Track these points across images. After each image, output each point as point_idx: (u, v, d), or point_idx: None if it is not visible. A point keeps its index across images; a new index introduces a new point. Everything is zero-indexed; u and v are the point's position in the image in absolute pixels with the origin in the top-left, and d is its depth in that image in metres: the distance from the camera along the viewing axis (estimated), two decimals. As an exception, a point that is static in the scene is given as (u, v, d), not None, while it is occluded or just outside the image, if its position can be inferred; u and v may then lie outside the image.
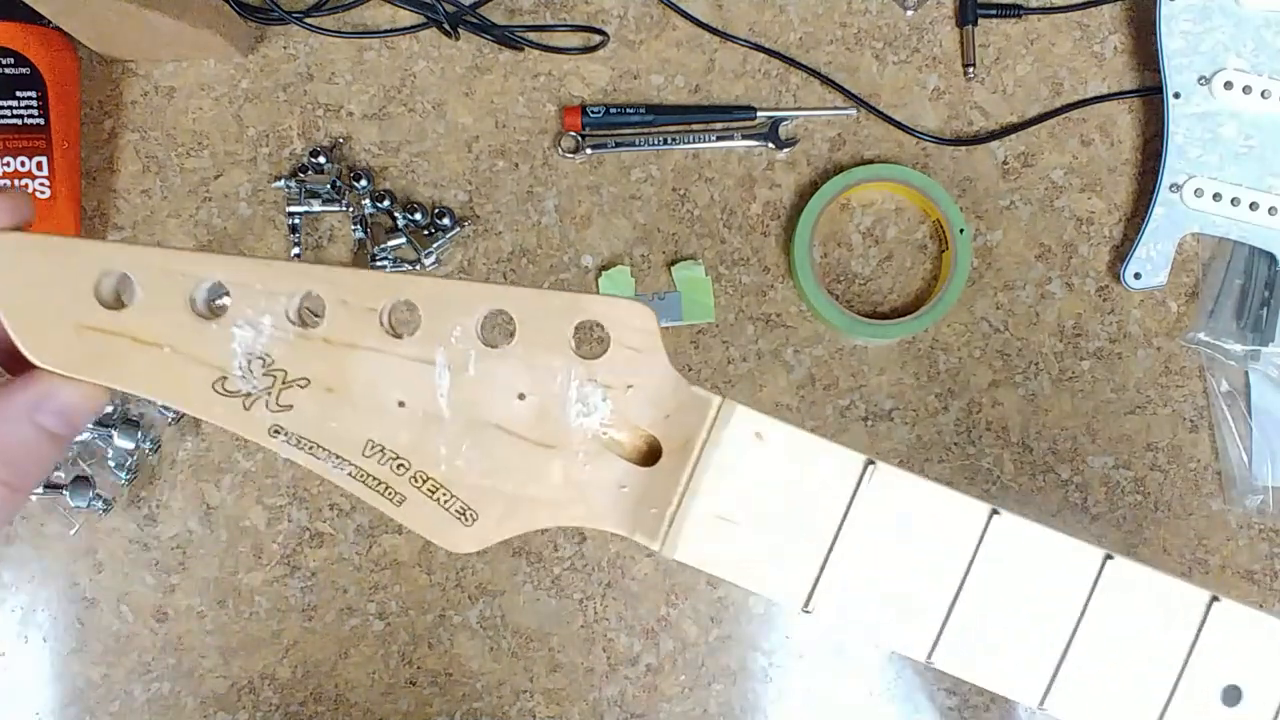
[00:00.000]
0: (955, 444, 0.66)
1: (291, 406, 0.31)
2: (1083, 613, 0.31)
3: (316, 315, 0.31)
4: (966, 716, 0.65)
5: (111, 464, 0.64)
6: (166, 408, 0.64)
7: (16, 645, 0.65)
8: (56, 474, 0.63)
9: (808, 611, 0.31)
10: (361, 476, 0.31)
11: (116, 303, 0.31)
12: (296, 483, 0.65)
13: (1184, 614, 0.32)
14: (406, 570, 0.65)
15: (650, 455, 0.32)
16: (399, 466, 0.31)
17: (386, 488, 0.31)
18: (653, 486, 0.32)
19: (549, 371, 0.31)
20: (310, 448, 0.31)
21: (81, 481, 0.63)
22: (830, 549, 0.31)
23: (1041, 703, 0.32)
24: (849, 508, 0.31)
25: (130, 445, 0.63)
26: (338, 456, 0.31)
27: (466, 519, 0.31)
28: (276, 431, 0.31)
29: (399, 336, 0.31)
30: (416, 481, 0.31)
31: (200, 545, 0.65)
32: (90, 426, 0.63)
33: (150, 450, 0.65)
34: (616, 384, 0.31)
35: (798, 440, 0.31)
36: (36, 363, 0.30)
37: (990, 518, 0.31)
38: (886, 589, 0.31)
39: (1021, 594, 0.31)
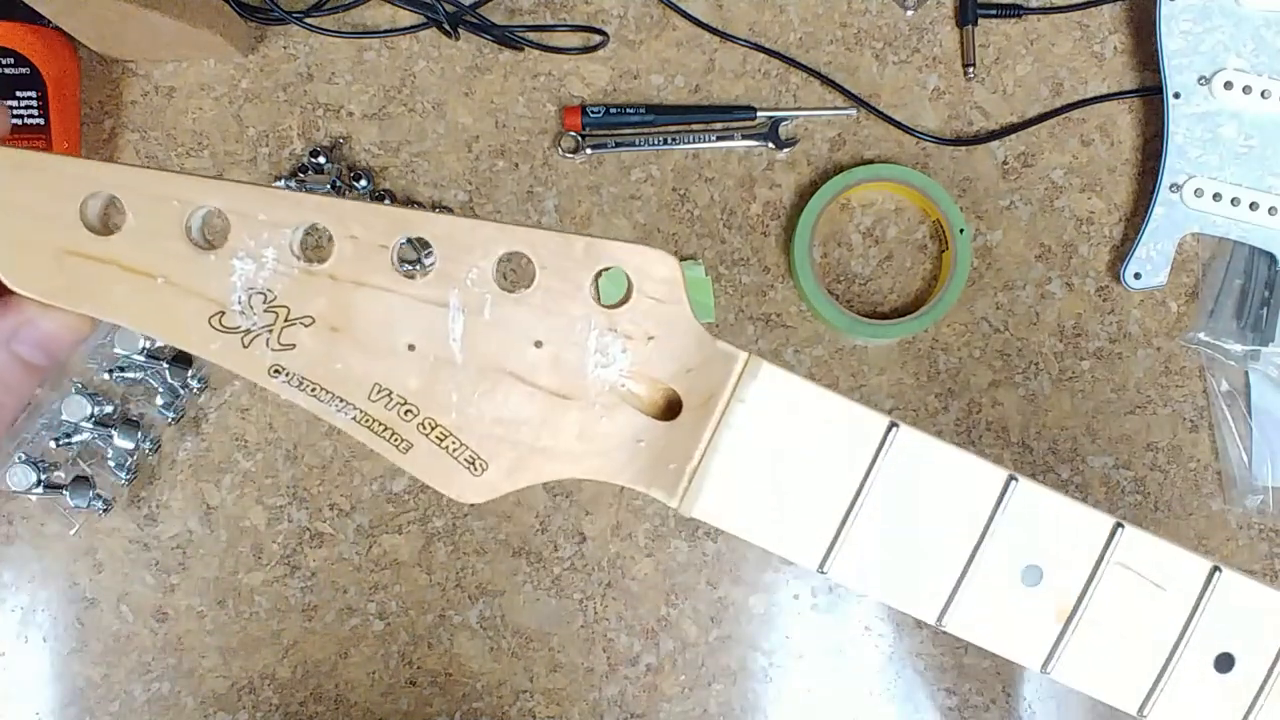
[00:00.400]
0: (955, 444, 0.66)
1: (294, 345, 0.29)
2: (1090, 580, 0.31)
3: (324, 247, 0.29)
4: (966, 716, 0.65)
5: (111, 464, 0.63)
6: (166, 407, 0.64)
7: (16, 645, 0.65)
8: (56, 474, 0.63)
9: (823, 572, 0.31)
10: (366, 421, 0.29)
11: (104, 227, 0.28)
12: (296, 483, 0.65)
13: (1187, 582, 0.32)
14: (406, 570, 0.65)
15: (668, 409, 0.31)
16: (406, 412, 0.29)
17: (392, 434, 0.30)
18: (671, 442, 0.31)
19: (568, 319, 0.29)
20: (312, 389, 0.29)
21: (81, 481, 0.63)
22: (849, 510, 0.31)
23: (1045, 667, 0.32)
24: (870, 469, 0.31)
25: (130, 445, 0.63)
26: (341, 399, 0.29)
27: (476, 468, 0.30)
28: (277, 371, 0.29)
29: (412, 276, 0.29)
30: (424, 428, 0.30)
31: (200, 545, 0.65)
32: (90, 426, 0.63)
33: (150, 450, 0.65)
34: (637, 335, 0.30)
35: (823, 400, 0.31)
36: (15, 289, 0.28)
37: (1008, 484, 0.32)
38: (902, 551, 0.31)
39: (1034, 560, 0.31)
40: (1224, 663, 0.32)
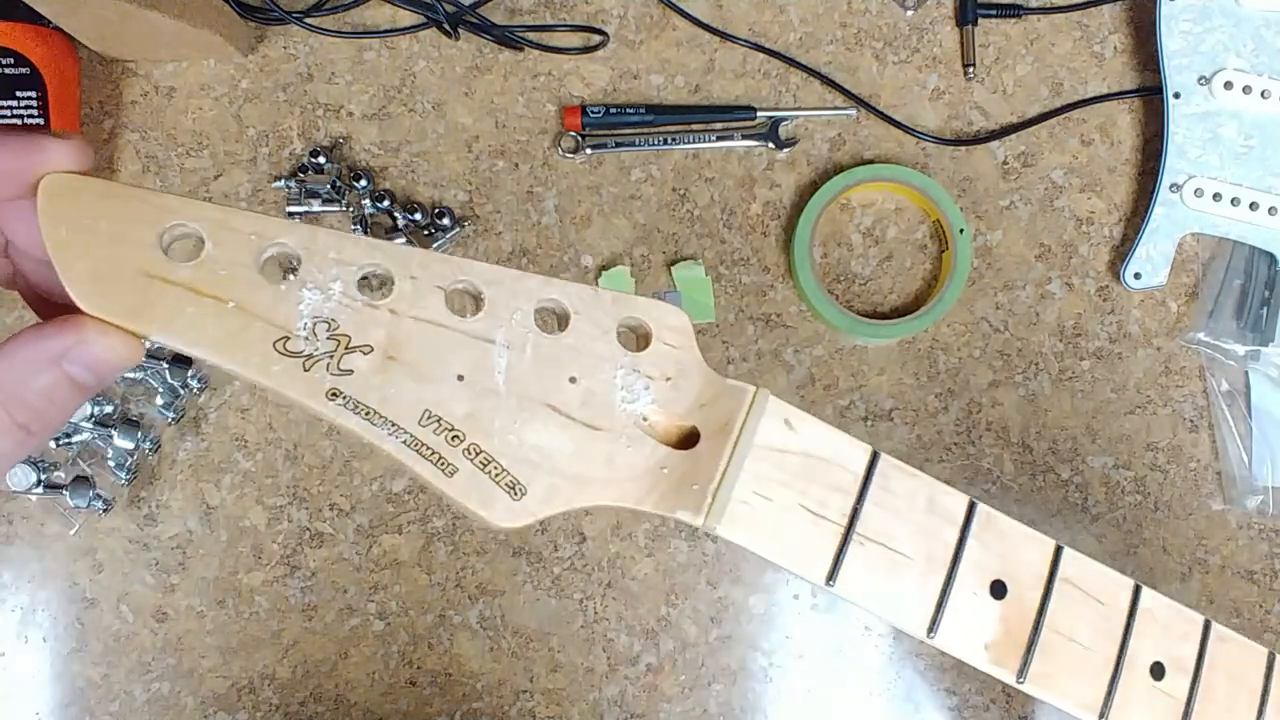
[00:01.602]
0: (955, 444, 0.66)
1: (352, 371, 0.31)
2: (1044, 598, 0.36)
3: (385, 286, 0.32)
4: (966, 716, 0.65)
5: (111, 464, 0.63)
6: (166, 407, 0.64)
7: (16, 645, 0.65)
8: (56, 474, 0.63)
9: (830, 586, 0.35)
10: (415, 445, 0.31)
11: (180, 255, 0.30)
12: (296, 483, 0.65)
13: (1119, 598, 0.37)
14: (406, 570, 0.65)
15: (686, 440, 0.35)
16: (453, 437, 0.32)
17: (439, 458, 0.32)
18: (692, 468, 0.34)
19: (597, 359, 0.33)
20: (366, 413, 0.31)
21: (81, 481, 0.63)
22: (847, 530, 0.35)
23: (1019, 678, 0.36)
24: (861, 493, 0.35)
25: (130, 445, 0.63)
26: (393, 424, 0.31)
27: (515, 493, 0.32)
28: (334, 395, 0.31)
29: (463, 315, 0.32)
30: (469, 453, 0.32)
31: (200, 545, 0.65)
32: (90, 426, 0.63)
33: (150, 450, 0.65)
34: (657, 375, 0.34)
35: (819, 430, 0.35)
36: (83, 308, 0.29)
37: (971, 508, 0.36)
38: (893, 569, 0.35)
39: (998, 580, 0.36)
40: (1158, 671, 0.37)
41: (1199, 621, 0.38)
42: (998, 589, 0.36)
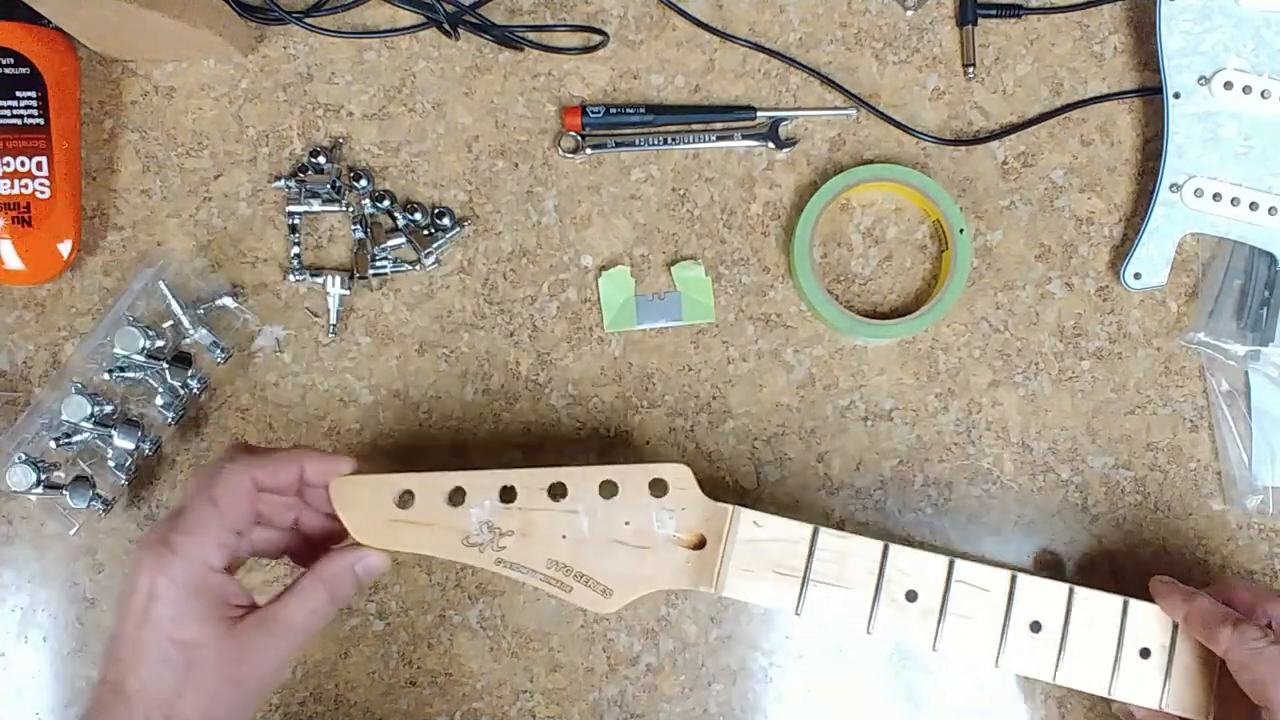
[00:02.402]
0: (955, 444, 0.66)
1: (506, 546, 0.55)
2: (945, 596, 0.56)
3: (514, 494, 0.55)
4: (966, 716, 0.65)
5: (111, 464, 0.63)
6: (166, 407, 0.64)
7: (16, 645, 0.65)
8: (56, 474, 0.63)
9: (798, 614, 0.56)
10: (546, 580, 0.55)
11: (404, 504, 0.54)
12: (296, 483, 0.65)
13: (1000, 585, 0.57)
14: (406, 570, 0.65)
15: (699, 544, 0.56)
16: (565, 570, 0.55)
17: (560, 583, 0.55)
18: (704, 560, 0.56)
19: (639, 507, 0.55)
20: (518, 568, 0.55)
21: (81, 481, 0.63)
22: (804, 579, 0.56)
23: (934, 648, 0.56)
24: (810, 555, 0.56)
25: (130, 445, 0.63)
26: (533, 570, 0.55)
27: (606, 595, 0.55)
28: (499, 562, 0.55)
29: (557, 500, 0.55)
30: (577, 578, 0.55)
31: (200, 545, 0.65)
32: (90, 426, 0.63)
33: (150, 450, 0.65)
34: (676, 509, 0.56)
35: (778, 523, 0.56)
36: (360, 541, 0.54)
37: (885, 550, 0.56)
38: (838, 596, 0.56)
39: (910, 587, 0.56)
40: (1035, 627, 0.56)
41: (1065, 588, 0.56)
42: (911, 596, 0.56)
